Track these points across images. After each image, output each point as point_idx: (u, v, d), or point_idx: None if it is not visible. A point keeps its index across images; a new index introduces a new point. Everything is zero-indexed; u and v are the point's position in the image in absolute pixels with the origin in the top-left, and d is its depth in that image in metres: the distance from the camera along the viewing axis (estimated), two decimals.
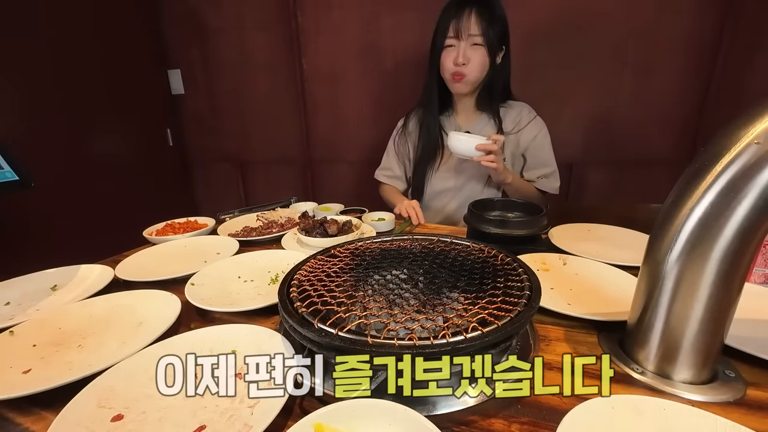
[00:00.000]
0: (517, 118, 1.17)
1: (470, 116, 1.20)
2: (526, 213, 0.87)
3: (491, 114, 1.16)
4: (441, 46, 1.07)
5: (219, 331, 0.51)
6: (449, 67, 1.07)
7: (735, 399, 0.40)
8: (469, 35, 1.02)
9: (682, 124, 1.36)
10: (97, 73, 1.66)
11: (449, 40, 1.04)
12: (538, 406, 0.40)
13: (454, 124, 1.20)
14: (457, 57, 1.04)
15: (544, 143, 1.15)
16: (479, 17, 1.00)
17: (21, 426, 0.40)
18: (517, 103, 1.19)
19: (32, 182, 0.85)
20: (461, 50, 1.03)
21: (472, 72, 1.06)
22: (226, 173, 2.14)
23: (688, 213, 0.38)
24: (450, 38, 1.04)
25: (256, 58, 1.85)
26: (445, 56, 1.07)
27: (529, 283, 0.48)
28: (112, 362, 0.45)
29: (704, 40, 1.26)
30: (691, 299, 0.39)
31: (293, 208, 1.20)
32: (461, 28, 1.01)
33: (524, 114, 1.17)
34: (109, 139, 1.75)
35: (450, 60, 1.06)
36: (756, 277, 0.63)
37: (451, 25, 1.02)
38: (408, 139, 1.27)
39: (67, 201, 1.56)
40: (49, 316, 0.58)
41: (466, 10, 1.01)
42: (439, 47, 1.07)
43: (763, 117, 0.34)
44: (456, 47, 1.04)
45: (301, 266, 0.57)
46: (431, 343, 0.36)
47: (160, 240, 0.93)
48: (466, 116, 1.20)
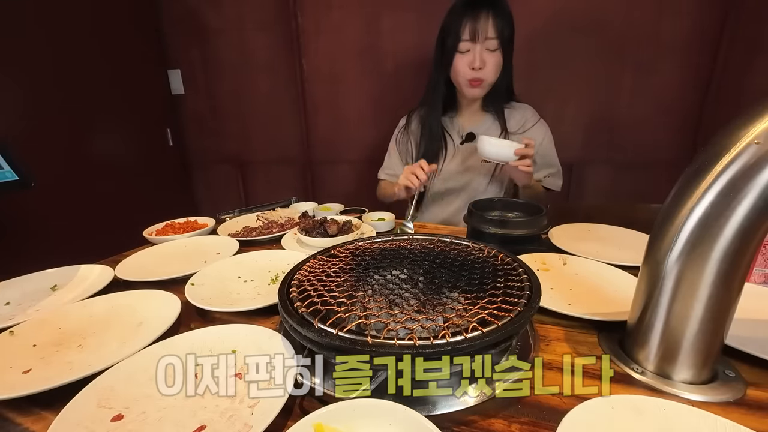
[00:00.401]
0: (521, 119, 1.16)
1: (474, 117, 1.18)
2: (526, 213, 0.87)
3: (495, 115, 1.15)
4: (453, 48, 1.02)
5: (219, 331, 0.51)
6: (465, 72, 1.03)
7: (735, 399, 0.40)
8: (486, 38, 0.98)
9: (683, 124, 1.36)
10: (97, 72, 1.66)
11: (464, 43, 1.00)
12: (538, 406, 0.40)
13: (457, 124, 1.19)
14: (474, 61, 1.00)
15: (551, 146, 1.16)
16: (495, 19, 0.97)
17: (21, 426, 0.40)
18: (521, 105, 1.18)
19: (32, 182, 0.85)
20: (477, 54, 0.99)
21: (489, 76, 1.03)
22: (226, 173, 2.14)
23: (688, 213, 0.38)
24: (465, 41, 0.99)
25: (256, 58, 1.85)
26: (459, 60, 1.03)
27: (529, 283, 0.48)
28: (112, 362, 0.45)
29: (704, 40, 1.26)
30: (691, 299, 0.39)
31: (293, 208, 1.20)
32: (478, 30, 0.97)
33: (528, 116, 1.16)
34: (109, 139, 1.75)
35: (465, 64, 1.02)
36: (756, 277, 0.63)
37: (466, 27, 0.98)
38: (410, 138, 1.25)
39: (67, 201, 1.56)
40: (49, 316, 0.58)
41: (483, 12, 0.96)
42: (450, 49, 1.03)
43: (763, 117, 0.34)
44: (472, 51, 1.00)
45: (301, 266, 0.57)
46: (431, 343, 0.36)
47: (160, 240, 0.93)
48: (469, 117, 1.19)
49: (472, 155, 1.15)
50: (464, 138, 1.17)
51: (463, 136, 1.17)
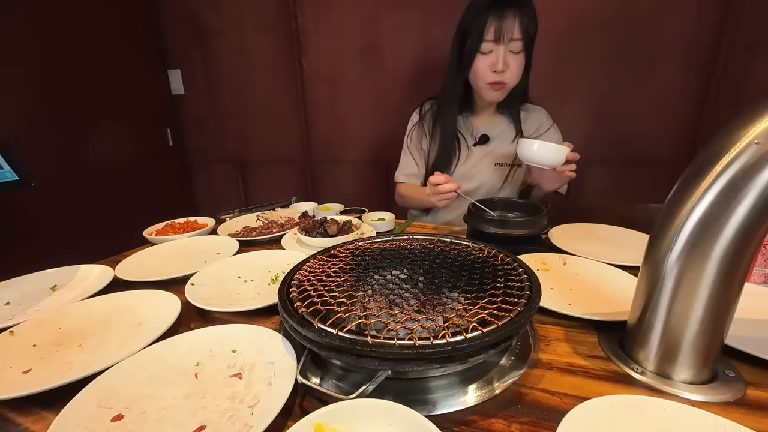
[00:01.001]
0: (536, 123, 1.13)
1: (489, 118, 1.15)
2: (526, 213, 0.87)
3: (511, 117, 1.12)
4: (474, 49, 0.96)
5: (219, 331, 0.51)
6: (486, 75, 0.98)
7: (735, 399, 0.40)
8: (511, 39, 0.92)
9: (683, 123, 1.36)
10: (98, 73, 1.67)
11: (487, 43, 0.94)
12: (538, 406, 0.40)
13: (471, 125, 1.15)
14: (497, 63, 0.94)
15: None
16: (522, 18, 0.91)
17: (21, 426, 0.40)
18: (535, 107, 1.15)
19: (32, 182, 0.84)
20: (501, 56, 0.94)
21: (512, 79, 0.99)
22: (226, 173, 2.15)
23: (688, 213, 0.38)
24: (488, 41, 0.94)
25: (256, 58, 1.86)
26: (481, 61, 0.97)
27: (529, 283, 0.48)
28: (112, 362, 0.45)
29: (704, 39, 1.26)
30: (691, 299, 0.39)
31: (293, 208, 1.20)
32: (503, 31, 0.91)
33: (543, 120, 1.14)
34: (109, 139, 1.75)
35: (486, 67, 0.97)
36: (756, 277, 0.63)
37: (491, 27, 0.92)
38: (424, 134, 1.19)
39: (67, 201, 1.57)
40: (49, 316, 0.58)
41: (510, 11, 0.90)
42: (471, 49, 0.97)
43: (763, 117, 0.34)
44: (495, 52, 0.94)
45: (301, 266, 0.57)
46: (431, 343, 0.36)
47: (160, 240, 0.93)
48: (484, 118, 1.15)
49: (485, 158, 1.13)
50: (478, 140, 1.13)
51: (476, 137, 1.14)
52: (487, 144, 1.13)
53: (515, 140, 1.10)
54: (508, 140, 1.13)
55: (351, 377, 0.44)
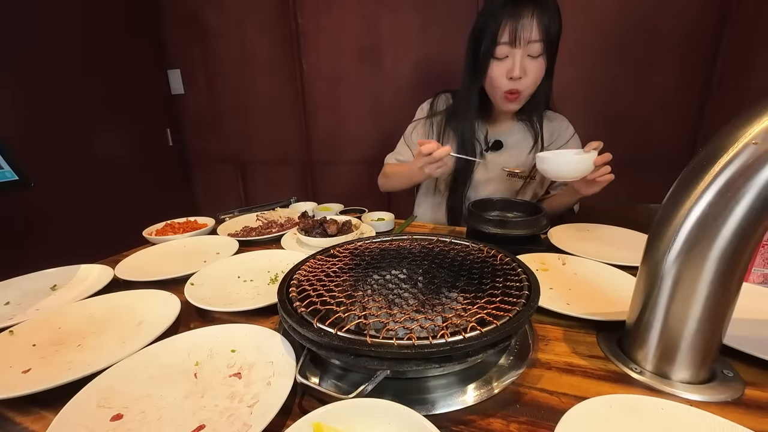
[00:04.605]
0: (555, 132, 1.05)
1: (505, 125, 1.06)
2: (525, 213, 0.87)
3: (529, 124, 1.03)
4: (488, 54, 0.88)
5: (218, 331, 0.51)
6: (502, 82, 0.89)
7: (733, 399, 0.40)
8: (529, 42, 0.84)
9: (682, 123, 1.36)
10: (97, 72, 1.67)
11: (502, 47, 0.85)
12: (536, 405, 0.40)
13: (484, 129, 1.06)
14: (513, 69, 0.86)
15: None
16: (542, 18, 0.82)
17: (21, 425, 0.40)
18: (557, 116, 1.07)
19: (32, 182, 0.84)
20: (517, 61, 0.85)
21: (528, 87, 0.90)
22: (226, 173, 2.15)
23: (686, 213, 0.38)
24: (503, 44, 0.85)
25: (256, 58, 1.86)
26: (496, 67, 0.88)
27: (528, 282, 0.48)
28: (111, 362, 0.45)
29: (704, 39, 1.26)
30: (690, 299, 0.39)
31: (293, 208, 1.20)
32: (520, 33, 0.83)
33: (563, 128, 1.06)
34: (109, 139, 1.76)
35: (502, 73, 0.88)
36: (754, 277, 0.63)
37: (506, 29, 0.83)
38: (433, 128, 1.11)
39: (67, 201, 1.57)
40: (48, 315, 0.58)
41: (527, 11, 0.82)
42: (485, 54, 0.88)
43: (761, 117, 0.34)
44: (510, 57, 0.86)
45: (300, 266, 0.57)
46: (430, 343, 0.36)
47: (159, 240, 0.93)
48: (500, 125, 1.06)
49: (497, 166, 1.05)
50: (490, 145, 1.05)
51: (489, 142, 1.05)
52: (499, 151, 1.05)
53: (532, 151, 1.04)
54: (525, 150, 1.05)
55: (350, 377, 0.44)
